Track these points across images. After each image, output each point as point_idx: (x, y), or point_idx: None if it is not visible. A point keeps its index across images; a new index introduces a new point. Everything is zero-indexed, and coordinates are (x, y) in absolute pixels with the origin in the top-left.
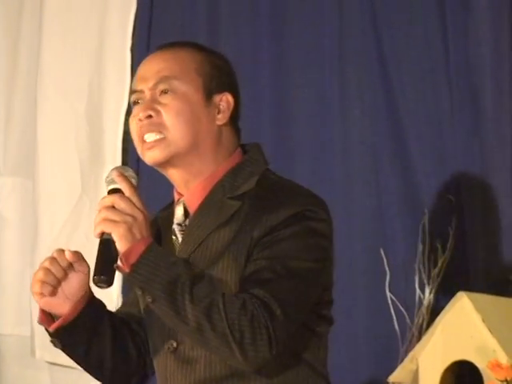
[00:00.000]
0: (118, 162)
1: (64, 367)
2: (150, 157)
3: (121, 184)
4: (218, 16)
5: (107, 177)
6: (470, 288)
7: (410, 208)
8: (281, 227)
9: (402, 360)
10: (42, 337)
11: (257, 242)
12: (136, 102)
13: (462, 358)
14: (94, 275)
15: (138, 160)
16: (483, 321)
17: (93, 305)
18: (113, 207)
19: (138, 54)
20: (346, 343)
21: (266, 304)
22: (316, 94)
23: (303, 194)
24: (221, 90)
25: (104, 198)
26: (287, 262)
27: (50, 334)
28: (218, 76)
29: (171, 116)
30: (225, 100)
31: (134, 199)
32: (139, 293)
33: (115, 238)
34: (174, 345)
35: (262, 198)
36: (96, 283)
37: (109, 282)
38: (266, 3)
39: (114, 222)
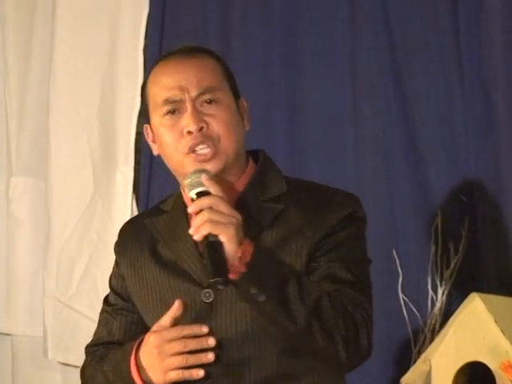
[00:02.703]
0: (131, 162)
1: (76, 368)
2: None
3: (212, 188)
4: (230, 18)
5: (189, 179)
6: (482, 289)
7: (422, 209)
8: (338, 228)
9: (415, 361)
10: (55, 337)
11: (318, 242)
12: (171, 112)
13: (475, 359)
14: (211, 278)
15: (151, 162)
16: (496, 322)
17: None
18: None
19: (151, 56)
20: None
21: (361, 305)
22: (328, 96)
23: (343, 193)
24: (239, 96)
25: (201, 199)
26: (357, 264)
27: None
28: (234, 82)
29: (221, 127)
30: (244, 105)
31: (226, 201)
32: (254, 291)
33: (224, 239)
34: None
35: (303, 199)
36: (214, 286)
37: (225, 283)
38: (277, 6)
39: (222, 223)
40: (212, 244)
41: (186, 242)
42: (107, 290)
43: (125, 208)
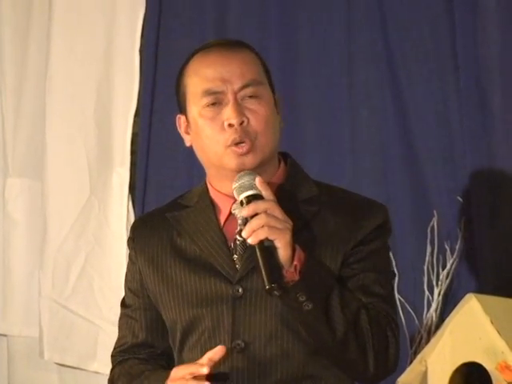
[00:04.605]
0: (127, 163)
1: (73, 368)
2: (241, 163)
3: (265, 192)
4: (226, 19)
5: (240, 181)
6: (478, 290)
7: (418, 209)
8: (371, 237)
9: (411, 362)
10: (51, 338)
11: (353, 247)
12: (212, 104)
13: (471, 359)
14: (267, 284)
15: (147, 163)
16: (492, 322)
17: None
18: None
19: (147, 56)
20: None
21: (392, 321)
22: (324, 95)
23: (376, 202)
24: (274, 92)
25: (257, 203)
26: (387, 277)
27: None
28: (271, 77)
29: (260, 124)
30: (277, 101)
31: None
32: (302, 299)
33: (280, 244)
34: (242, 345)
35: (336, 204)
36: (270, 292)
37: (281, 289)
38: (273, 6)
39: (279, 229)
40: (267, 249)
41: (214, 236)
42: (103, 291)
43: (121, 209)
